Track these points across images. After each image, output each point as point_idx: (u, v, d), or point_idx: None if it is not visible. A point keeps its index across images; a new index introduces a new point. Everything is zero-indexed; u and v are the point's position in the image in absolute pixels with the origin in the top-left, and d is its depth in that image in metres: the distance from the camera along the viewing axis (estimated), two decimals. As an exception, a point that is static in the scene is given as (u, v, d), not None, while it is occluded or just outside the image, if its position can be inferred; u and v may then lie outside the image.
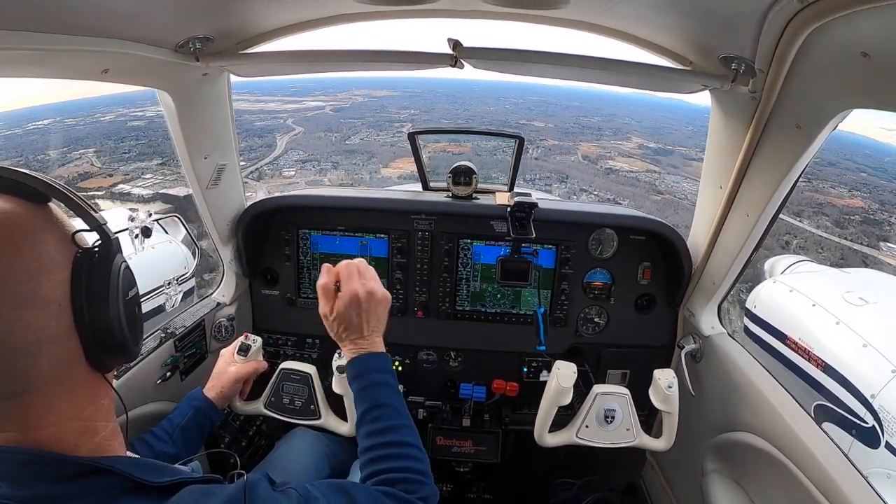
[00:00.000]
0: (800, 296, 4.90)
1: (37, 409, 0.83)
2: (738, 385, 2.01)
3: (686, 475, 2.33)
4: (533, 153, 43.39)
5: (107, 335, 0.89)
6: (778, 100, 1.51)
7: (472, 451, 2.56)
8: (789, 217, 24.15)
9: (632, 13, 1.65)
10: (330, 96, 54.07)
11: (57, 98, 28.57)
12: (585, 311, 2.56)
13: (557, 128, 50.04)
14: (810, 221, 25.25)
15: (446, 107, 56.72)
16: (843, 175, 30.01)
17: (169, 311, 2.30)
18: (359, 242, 2.55)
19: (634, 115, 55.14)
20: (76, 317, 0.86)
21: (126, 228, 2.09)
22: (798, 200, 26.88)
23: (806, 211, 26.20)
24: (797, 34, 1.24)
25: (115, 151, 29.58)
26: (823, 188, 28.17)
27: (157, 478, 0.90)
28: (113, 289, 0.91)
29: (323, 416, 1.99)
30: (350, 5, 1.72)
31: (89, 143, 29.81)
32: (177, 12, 1.45)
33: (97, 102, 32.02)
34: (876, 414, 3.77)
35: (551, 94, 62.51)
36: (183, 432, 1.70)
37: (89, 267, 0.88)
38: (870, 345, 4.07)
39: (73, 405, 0.87)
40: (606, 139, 47.25)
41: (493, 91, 65.62)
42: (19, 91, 31.86)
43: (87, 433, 0.89)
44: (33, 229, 0.84)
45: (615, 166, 41.09)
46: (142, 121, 29.91)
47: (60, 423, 0.85)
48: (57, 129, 29.75)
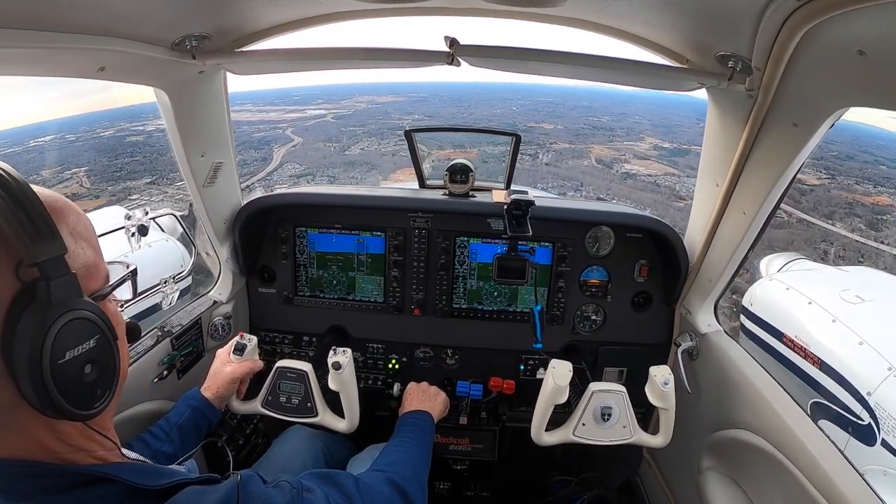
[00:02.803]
0: (796, 294, 4.92)
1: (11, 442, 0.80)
2: (734, 382, 2.01)
3: (682, 472, 2.34)
4: (543, 158, 41.84)
5: (36, 395, 0.77)
6: (774, 98, 1.51)
7: (469, 449, 2.57)
8: (821, 221, 23.20)
9: (628, 11, 1.65)
10: (333, 104, 53.43)
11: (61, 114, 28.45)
12: (582, 309, 2.56)
13: (567, 130, 49.17)
14: (843, 224, 24.05)
15: (451, 110, 56.11)
16: (865, 169, 29.15)
17: (165, 310, 2.30)
18: (355, 240, 2.54)
19: (644, 112, 54.26)
20: (8, 368, 0.76)
21: (122, 227, 2.09)
22: (826, 201, 26.00)
23: (837, 212, 25.14)
24: (794, 32, 1.24)
25: (106, 170, 29.04)
26: (849, 184, 27.23)
27: (154, 481, 0.90)
28: (38, 347, 0.76)
29: (320, 413, 1.99)
30: (347, 3, 1.72)
31: (84, 160, 29.35)
32: (173, 10, 1.45)
33: (100, 117, 31.77)
34: (872, 411, 3.79)
35: (558, 95, 61.68)
36: (181, 431, 1.70)
37: (24, 314, 0.76)
38: (866, 342, 4.09)
39: (32, 439, 0.82)
40: (619, 140, 45.96)
41: (499, 93, 64.89)
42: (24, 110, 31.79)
43: (80, 451, 0.88)
44: None
45: (632, 170, 39.51)
46: (141, 135, 29.62)
47: (42, 448, 0.83)
48: (54, 147, 29.40)
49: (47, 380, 0.76)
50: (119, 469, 0.89)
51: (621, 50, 1.90)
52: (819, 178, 27.51)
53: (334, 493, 1.18)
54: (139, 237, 2.18)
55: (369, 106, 55.73)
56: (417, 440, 1.83)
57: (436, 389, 2.28)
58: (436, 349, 2.66)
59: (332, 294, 2.62)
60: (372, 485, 1.36)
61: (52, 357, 0.77)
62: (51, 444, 0.84)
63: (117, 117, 31.21)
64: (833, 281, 5.20)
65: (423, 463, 1.74)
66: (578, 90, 62.58)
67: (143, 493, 0.88)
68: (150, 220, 2.18)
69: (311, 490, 1.11)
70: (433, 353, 2.66)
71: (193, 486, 0.94)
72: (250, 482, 0.99)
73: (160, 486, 0.90)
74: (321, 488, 1.15)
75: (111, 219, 4.95)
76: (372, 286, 2.60)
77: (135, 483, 0.88)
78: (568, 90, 65.21)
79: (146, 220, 2.16)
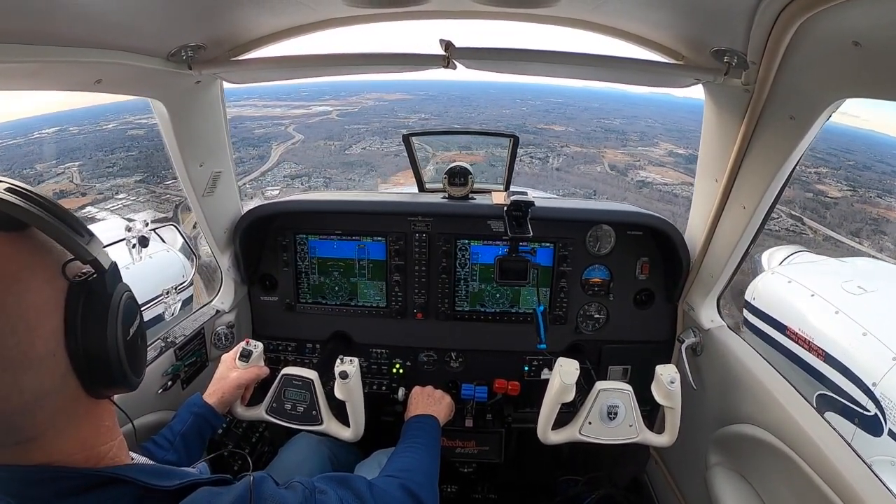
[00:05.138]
0: (798, 286, 4.91)
1: (37, 453, 0.80)
2: (739, 377, 2.01)
3: (690, 469, 2.33)
4: (554, 162, 40.25)
5: (107, 375, 0.83)
6: (771, 91, 1.51)
7: (476, 452, 2.56)
8: (848, 239, 21.96)
9: (623, 9, 1.65)
10: (340, 100, 52.05)
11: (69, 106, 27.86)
12: (585, 308, 2.56)
13: (578, 132, 47.79)
14: (871, 243, 22.17)
15: (459, 110, 54.89)
16: (883, 180, 27.66)
17: (168, 321, 2.29)
18: (356, 246, 2.54)
19: (656, 116, 52.56)
20: (73, 363, 0.79)
21: (123, 238, 2.09)
22: (851, 215, 24.59)
23: (864, 229, 23.51)
24: (788, 25, 1.24)
25: (98, 165, 28.39)
26: (870, 197, 25.88)
27: (168, 482, 0.90)
28: (112, 330, 0.83)
29: (325, 421, 1.99)
30: (340, 9, 1.72)
31: (79, 155, 28.71)
32: (168, 21, 1.45)
33: (106, 110, 30.87)
34: (878, 402, 3.77)
35: (569, 95, 60.02)
36: (184, 439, 1.69)
37: (84, 308, 0.80)
38: (870, 333, 4.08)
39: (76, 439, 0.84)
40: (633, 145, 44.23)
41: (509, 93, 63.62)
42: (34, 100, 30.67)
43: (94, 457, 0.88)
44: (14, 278, 0.74)
45: (647, 178, 37.41)
46: (143, 129, 28.74)
47: (65, 456, 0.83)
48: (54, 140, 28.83)
49: (122, 359, 0.85)
50: (132, 470, 0.89)
51: (617, 48, 1.90)
52: (840, 190, 26.42)
53: (348, 496, 1.18)
54: (140, 248, 2.18)
55: (376, 103, 54.26)
56: (427, 445, 1.82)
57: (441, 393, 2.28)
58: (439, 352, 2.66)
59: (334, 300, 2.62)
60: (385, 489, 1.36)
61: (123, 336, 0.86)
62: (78, 445, 0.85)
63: (124, 110, 29.93)
64: (835, 272, 5.19)
65: (434, 468, 1.74)
66: (588, 91, 60.44)
67: (156, 493, 0.88)
68: (150, 230, 2.19)
69: (324, 492, 1.11)
70: (437, 357, 2.66)
71: (206, 486, 0.93)
72: (263, 483, 0.99)
73: (173, 487, 0.90)
74: (334, 490, 1.15)
75: (112, 230, 4.94)
76: (374, 291, 2.60)
77: (148, 483, 0.87)
78: (578, 91, 63.22)
79: (147, 232, 2.16)
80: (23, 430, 0.77)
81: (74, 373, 0.80)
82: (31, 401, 0.75)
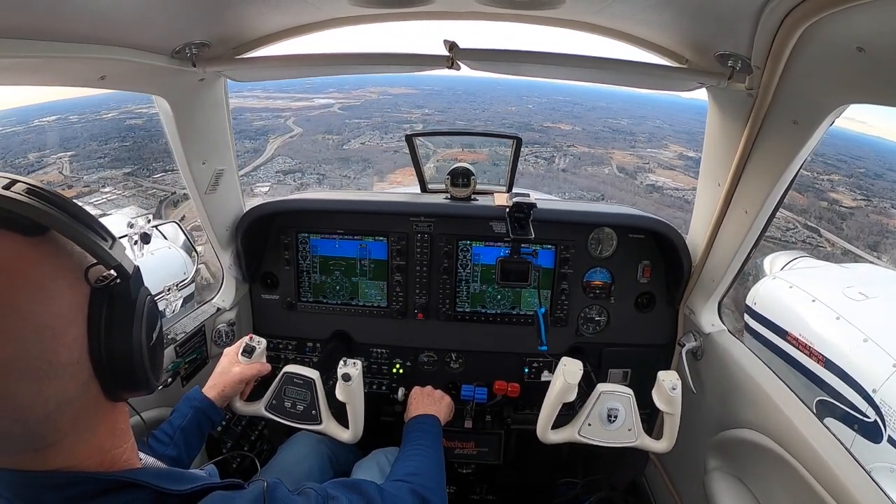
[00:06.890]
0: (800, 292, 4.91)
1: (54, 458, 0.79)
2: (739, 382, 2.01)
3: (689, 473, 2.33)
4: (560, 163, 39.17)
5: (130, 381, 0.82)
6: (775, 96, 1.51)
7: (475, 453, 2.56)
8: (867, 253, 21.35)
9: (627, 12, 1.65)
10: (343, 93, 51.08)
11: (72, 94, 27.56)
12: (586, 311, 2.56)
13: (586, 132, 46.79)
14: (889, 257, 21.52)
15: (464, 106, 53.87)
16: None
17: (169, 317, 2.30)
18: (358, 245, 2.55)
19: (664, 117, 51.60)
20: (97, 369, 0.78)
21: (125, 235, 2.09)
22: (867, 227, 24.03)
23: (882, 242, 22.85)
24: (793, 30, 1.24)
25: (90, 156, 27.87)
26: (886, 209, 25.38)
27: (181, 486, 0.89)
28: (137, 336, 0.82)
29: (324, 421, 1.99)
30: (345, 9, 1.73)
31: (73, 145, 28.18)
32: (173, 18, 1.45)
33: (108, 98, 30.27)
34: (878, 408, 3.77)
35: (576, 94, 58.59)
36: (183, 434, 1.69)
37: (108, 314, 0.78)
38: (871, 339, 4.08)
39: (92, 443, 0.83)
40: (642, 147, 43.15)
41: (516, 90, 62.33)
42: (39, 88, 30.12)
43: (108, 461, 0.87)
44: (38, 285, 0.72)
45: (657, 181, 36.27)
46: (142, 118, 28.36)
47: (80, 460, 0.82)
48: (54, 128, 28.65)
49: (146, 365, 0.84)
50: (144, 474, 0.88)
51: (621, 51, 1.90)
52: (854, 200, 26.12)
53: (359, 501, 1.19)
54: (142, 245, 2.19)
55: (380, 97, 53.21)
56: (433, 447, 1.83)
57: (440, 393, 2.29)
58: (440, 353, 2.66)
59: (335, 299, 2.62)
60: (396, 494, 1.36)
61: (147, 342, 0.85)
62: (94, 450, 0.84)
63: (126, 100, 29.51)
64: (836, 278, 5.19)
65: (441, 471, 1.75)
66: (596, 91, 58.56)
67: (169, 498, 0.87)
68: (152, 227, 2.19)
69: (335, 498, 1.11)
70: (437, 357, 2.66)
71: (219, 490, 0.93)
72: (276, 488, 0.99)
73: (186, 491, 0.89)
74: (346, 496, 1.16)
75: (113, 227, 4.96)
76: (375, 291, 2.60)
77: (162, 488, 0.86)
78: (585, 90, 61.43)
79: (149, 228, 2.17)
80: (44, 438, 0.76)
81: (97, 379, 0.79)
82: (53, 409, 0.74)
